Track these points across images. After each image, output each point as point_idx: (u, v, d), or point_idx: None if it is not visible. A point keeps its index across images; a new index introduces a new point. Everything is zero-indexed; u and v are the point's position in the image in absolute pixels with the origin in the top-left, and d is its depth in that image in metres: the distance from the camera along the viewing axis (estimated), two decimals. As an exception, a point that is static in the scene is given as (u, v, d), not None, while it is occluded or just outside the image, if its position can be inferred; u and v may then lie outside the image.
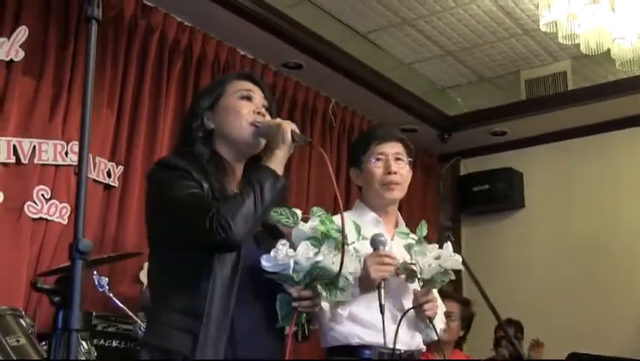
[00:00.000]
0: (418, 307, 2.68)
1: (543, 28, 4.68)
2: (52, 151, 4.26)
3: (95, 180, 4.45)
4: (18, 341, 2.91)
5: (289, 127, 2.19)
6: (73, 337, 1.33)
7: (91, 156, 4.45)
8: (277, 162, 2.15)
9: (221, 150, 2.30)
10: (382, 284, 2.51)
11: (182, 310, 2.09)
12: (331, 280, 2.09)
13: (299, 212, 2.23)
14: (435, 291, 2.77)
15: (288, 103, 5.97)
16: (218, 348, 2.04)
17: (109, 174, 4.56)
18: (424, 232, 2.79)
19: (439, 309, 2.80)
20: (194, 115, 2.34)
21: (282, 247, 2.10)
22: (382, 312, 2.44)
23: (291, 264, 2.07)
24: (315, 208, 2.23)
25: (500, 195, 7.09)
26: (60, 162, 4.29)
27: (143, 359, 2.12)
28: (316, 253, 2.08)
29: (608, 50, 4.66)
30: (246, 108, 2.28)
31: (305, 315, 2.18)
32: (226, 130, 2.28)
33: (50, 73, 4.36)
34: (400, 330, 2.59)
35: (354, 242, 2.20)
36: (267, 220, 2.25)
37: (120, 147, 4.67)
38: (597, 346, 5.98)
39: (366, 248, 2.49)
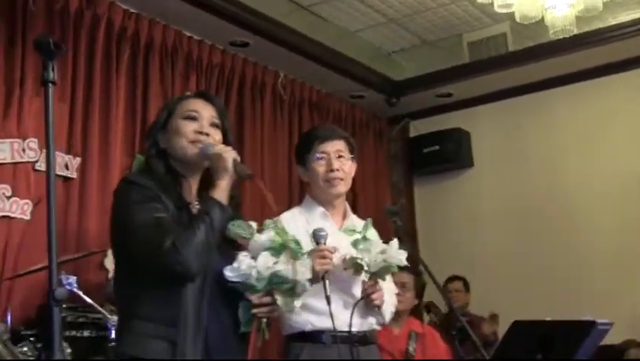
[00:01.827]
0: (366, 297, 2.89)
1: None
2: (9, 150, 4.34)
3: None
4: (-5, 348, 3.03)
5: (230, 157, 2.30)
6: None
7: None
8: (221, 192, 2.28)
9: (175, 166, 2.39)
10: (326, 276, 2.71)
11: (155, 319, 2.19)
12: (289, 287, 2.25)
13: (254, 224, 2.35)
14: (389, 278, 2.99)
15: (238, 80, 6.06)
16: (196, 354, 2.18)
17: (67, 167, 4.64)
18: (369, 229, 2.99)
19: (387, 295, 3.02)
20: (149, 134, 2.46)
21: (243, 258, 2.24)
22: (329, 302, 2.66)
23: (253, 274, 2.21)
24: (267, 221, 2.37)
25: (450, 154, 7.29)
26: (18, 159, 4.37)
27: None
28: (275, 263, 2.23)
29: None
30: (188, 127, 2.38)
31: (265, 320, 2.32)
32: (172, 150, 2.39)
33: (1, 71, 4.42)
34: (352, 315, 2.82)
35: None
36: (226, 234, 2.35)
37: (75, 139, 4.74)
38: (541, 299, 6.27)
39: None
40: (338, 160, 3.07)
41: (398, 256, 2.86)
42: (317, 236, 2.81)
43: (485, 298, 6.33)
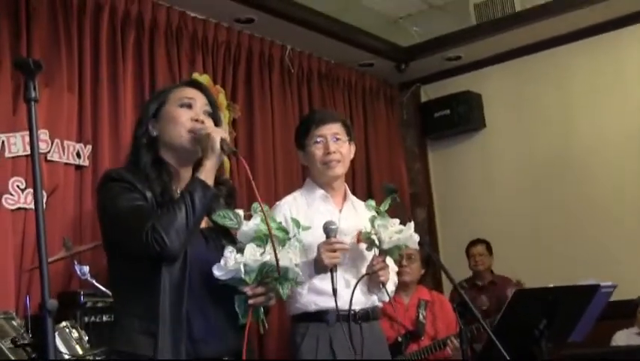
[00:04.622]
0: (372, 273, 2.96)
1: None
2: (20, 143, 4.42)
3: (66, 164, 4.63)
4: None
5: (218, 136, 2.26)
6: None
7: (58, 140, 4.63)
8: (206, 173, 2.24)
9: (165, 156, 2.39)
10: (335, 269, 2.81)
11: (140, 314, 2.20)
12: (282, 275, 2.21)
13: (241, 212, 2.34)
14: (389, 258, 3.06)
15: (245, 57, 6.08)
16: (179, 348, 2.16)
17: (78, 155, 4.72)
18: (387, 207, 3.03)
19: (391, 273, 3.10)
20: (140, 123, 2.45)
21: (229, 255, 2.21)
22: (335, 294, 2.74)
23: (242, 268, 2.18)
24: (255, 205, 2.31)
25: (461, 118, 7.26)
26: (30, 151, 4.44)
27: None
28: (262, 253, 2.19)
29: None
30: (184, 116, 2.37)
31: (262, 310, 2.29)
32: (167, 137, 2.38)
33: (7, 66, 4.44)
34: (354, 293, 2.90)
35: (295, 235, 2.30)
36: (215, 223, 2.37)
37: (86, 127, 4.81)
38: (559, 258, 6.32)
39: (311, 236, 2.72)
40: (335, 143, 3.15)
41: (413, 238, 2.95)
42: (327, 230, 2.91)
43: (503, 258, 6.39)
